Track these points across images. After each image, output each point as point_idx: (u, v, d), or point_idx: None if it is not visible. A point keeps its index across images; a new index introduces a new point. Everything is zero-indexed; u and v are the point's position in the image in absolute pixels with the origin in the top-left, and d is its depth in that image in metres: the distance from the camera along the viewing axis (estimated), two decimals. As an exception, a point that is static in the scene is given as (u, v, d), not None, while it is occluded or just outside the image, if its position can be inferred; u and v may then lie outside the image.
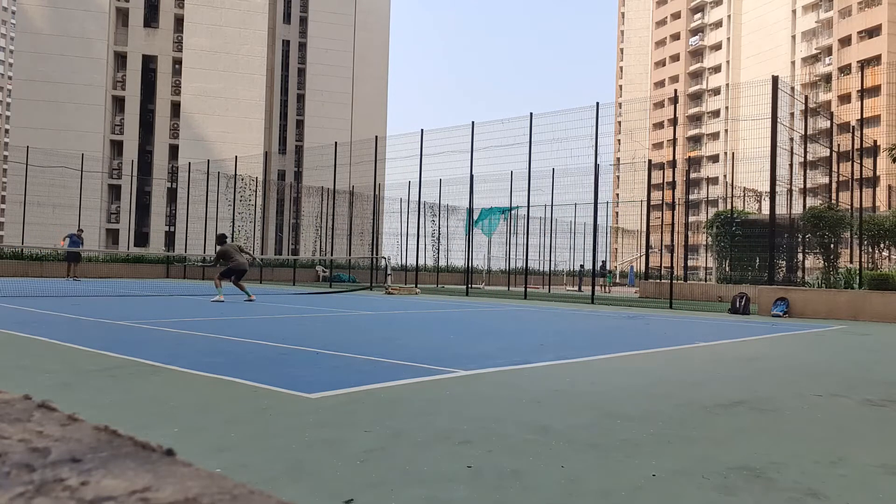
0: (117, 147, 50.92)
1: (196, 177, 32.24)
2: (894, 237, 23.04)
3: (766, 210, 24.06)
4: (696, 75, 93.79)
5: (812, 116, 22.75)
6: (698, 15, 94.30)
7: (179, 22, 52.46)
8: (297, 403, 3.88)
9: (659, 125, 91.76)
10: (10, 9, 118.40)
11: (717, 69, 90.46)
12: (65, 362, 5.24)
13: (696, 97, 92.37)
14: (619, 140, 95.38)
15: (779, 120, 16.82)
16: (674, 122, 19.20)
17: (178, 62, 52.30)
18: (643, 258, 30.48)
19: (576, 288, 34.52)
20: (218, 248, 15.28)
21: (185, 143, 50.82)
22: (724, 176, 40.15)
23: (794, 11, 77.84)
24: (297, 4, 60.76)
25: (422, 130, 23.29)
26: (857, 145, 22.63)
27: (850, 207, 22.39)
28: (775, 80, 17.04)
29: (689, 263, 39.83)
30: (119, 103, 51.30)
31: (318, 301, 15.63)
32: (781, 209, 20.77)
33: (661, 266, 36.79)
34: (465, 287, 24.18)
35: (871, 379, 5.71)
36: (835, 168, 22.32)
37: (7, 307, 10.47)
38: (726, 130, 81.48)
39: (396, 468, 2.64)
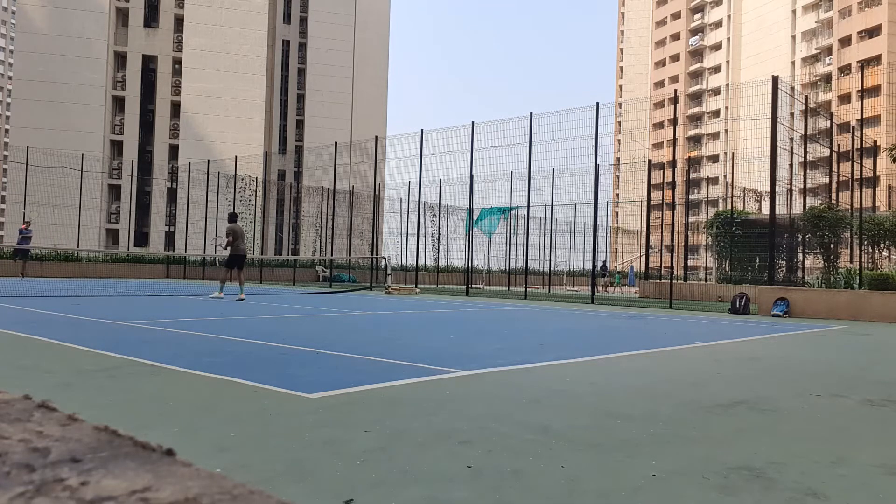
0: (117, 147, 50.93)
1: (196, 177, 32.24)
2: (894, 237, 23.03)
3: (766, 210, 24.06)
4: (696, 75, 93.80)
5: (812, 116, 22.75)
6: (698, 15, 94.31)
7: (179, 22, 52.47)
8: (297, 403, 3.88)
9: (659, 125, 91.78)
10: (10, 9, 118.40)
11: (717, 69, 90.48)
12: (65, 362, 5.24)
13: (696, 97, 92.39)
14: (619, 140, 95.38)
15: (779, 120, 16.82)
16: (674, 122, 19.20)
17: (178, 62, 52.30)
18: (643, 258, 30.48)
19: (576, 288, 34.49)
20: (229, 225, 15.34)
21: (185, 143, 50.82)
22: (724, 176, 40.15)
23: (794, 11, 77.85)
24: (297, 4, 60.76)
25: (422, 130, 23.32)
26: (857, 145, 22.63)
27: (850, 207, 22.39)
28: (775, 80, 17.04)
29: (689, 263, 39.83)
30: (119, 103, 51.30)
31: (318, 301, 15.63)
32: (781, 209, 20.77)
33: (661, 266, 36.79)
34: (465, 287, 24.18)
35: (871, 379, 5.71)
36: (835, 168, 22.32)
37: (7, 307, 10.47)
38: (726, 130, 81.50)
39: (396, 468, 2.64)
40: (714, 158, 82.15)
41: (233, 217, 15.63)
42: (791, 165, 21.70)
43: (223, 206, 31.63)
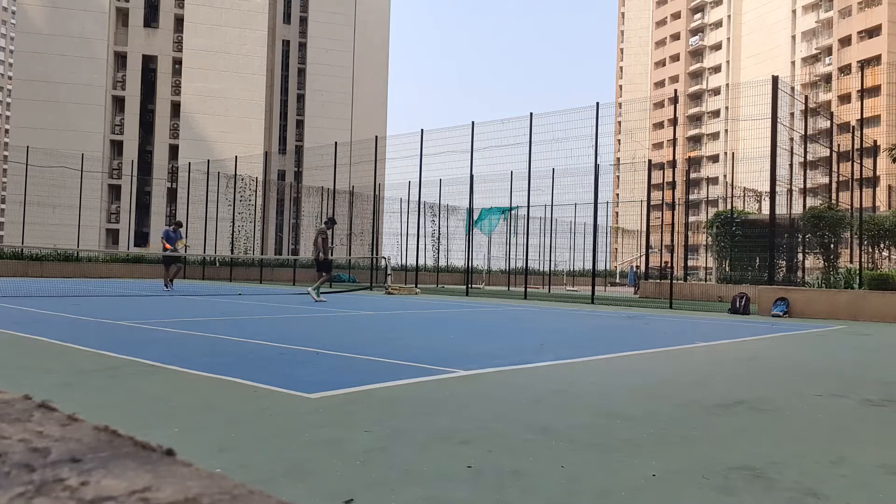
0: (117, 147, 50.93)
1: (196, 177, 32.24)
2: (894, 237, 23.03)
3: (766, 210, 24.05)
4: (696, 75, 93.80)
5: (812, 116, 22.75)
6: (698, 15, 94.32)
7: (179, 22, 52.48)
8: (297, 403, 3.88)
9: (659, 125, 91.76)
10: (10, 9, 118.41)
11: (717, 69, 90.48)
12: (65, 362, 5.24)
13: (696, 97, 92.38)
14: (619, 140, 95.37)
15: (779, 120, 16.82)
16: (674, 122, 19.20)
17: (178, 62, 52.31)
18: (643, 258, 30.47)
19: (576, 288, 34.47)
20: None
21: (185, 143, 50.83)
22: (724, 176, 40.15)
23: (794, 11, 77.86)
24: (297, 4, 60.77)
25: (422, 130, 23.31)
26: (857, 145, 22.63)
27: (850, 207, 22.38)
28: (775, 80, 17.03)
29: (689, 263, 39.82)
30: (119, 103, 51.31)
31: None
32: (781, 209, 20.77)
33: (661, 266, 36.76)
34: (465, 287, 24.17)
35: (871, 379, 5.71)
36: (835, 168, 22.31)
37: (7, 307, 10.47)
38: (726, 130, 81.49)
39: (396, 468, 2.64)
40: (714, 158, 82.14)
41: (329, 221, 16.33)
42: (791, 165, 21.70)
43: (223, 206, 31.64)
